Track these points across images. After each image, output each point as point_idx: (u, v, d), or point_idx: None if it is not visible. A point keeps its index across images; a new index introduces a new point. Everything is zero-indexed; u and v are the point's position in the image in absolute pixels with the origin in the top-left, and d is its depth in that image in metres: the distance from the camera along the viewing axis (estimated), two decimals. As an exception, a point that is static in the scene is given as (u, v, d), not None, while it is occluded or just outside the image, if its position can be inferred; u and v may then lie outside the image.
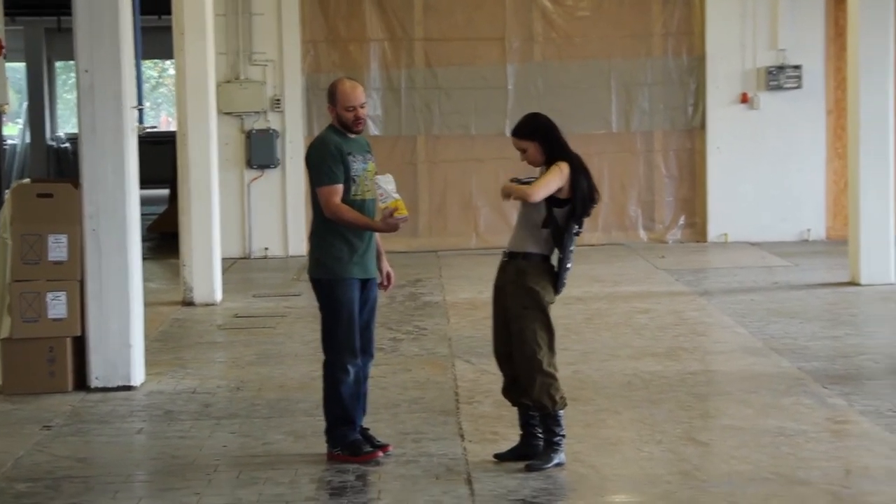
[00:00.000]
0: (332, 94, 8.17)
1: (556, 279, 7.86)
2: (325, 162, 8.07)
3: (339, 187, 8.04)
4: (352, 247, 8.09)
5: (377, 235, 8.27)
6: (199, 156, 14.53)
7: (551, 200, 7.79)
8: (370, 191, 8.13)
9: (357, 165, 8.11)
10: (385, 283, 8.34)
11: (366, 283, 8.20)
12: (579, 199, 7.83)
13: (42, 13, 29.72)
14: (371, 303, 8.27)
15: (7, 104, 10.95)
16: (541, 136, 7.90)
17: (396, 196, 7.95)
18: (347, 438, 8.13)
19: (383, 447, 8.23)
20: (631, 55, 19.33)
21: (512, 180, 8.16)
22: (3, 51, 10.31)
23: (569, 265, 7.88)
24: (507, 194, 7.91)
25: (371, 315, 8.29)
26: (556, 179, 7.77)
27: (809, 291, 14.61)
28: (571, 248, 7.86)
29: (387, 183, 7.99)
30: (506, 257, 8.00)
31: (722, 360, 11.24)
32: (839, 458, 8.03)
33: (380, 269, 8.31)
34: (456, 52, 19.32)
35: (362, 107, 8.14)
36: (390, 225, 7.99)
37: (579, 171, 7.87)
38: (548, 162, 7.88)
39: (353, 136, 8.20)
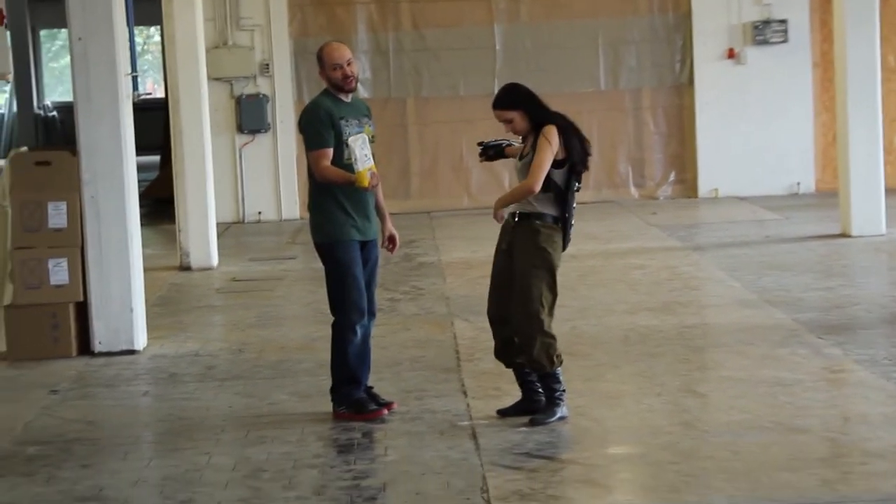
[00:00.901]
0: (320, 58, 8.26)
1: (564, 237, 7.96)
2: (314, 126, 8.16)
3: (329, 151, 8.12)
4: (347, 210, 8.18)
5: (380, 198, 8.36)
6: (192, 122, 14.60)
7: (553, 164, 7.86)
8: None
9: (351, 129, 8.18)
10: (390, 245, 8.44)
11: (365, 245, 8.30)
12: (576, 157, 7.91)
13: (26, -18, 29.66)
14: (372, 263, 8.37)
15: (10, 73, 10.98)
16: (524, 104, 7.98)
17: (359, 167, 7.98)
18: (352, 397, 8.25)
19: (388, 405, 8.35)
20: (617, 13, 19.39)
21: (480, 144, 8.26)
22: (5, 20, 10.33)
23: (573, 222, 7.99)
24: (497, 217, 8.00)
25: (372, 276, 8.39)
26: (547, 155, 7.82)
27: (801, 244, 14.74)
28: (574, 205, 7.97)
29: (357, 147, 8.02)
30: (516, 218, 8.03)
31: (717, 314, 11.37)
32: (836, 406, 8.16)
33: (383, 232, 8.41)
34: (442, 13, 19.37)
35: (349, 64, 8.21)
36: (361, 188, 8.08)
37: (567, 130, 7.93)
38: (534, 127, 7.95)
39: (347, 99, 8.28)
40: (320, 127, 8.13)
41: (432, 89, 19.43)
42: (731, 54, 19.28)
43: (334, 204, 8.17)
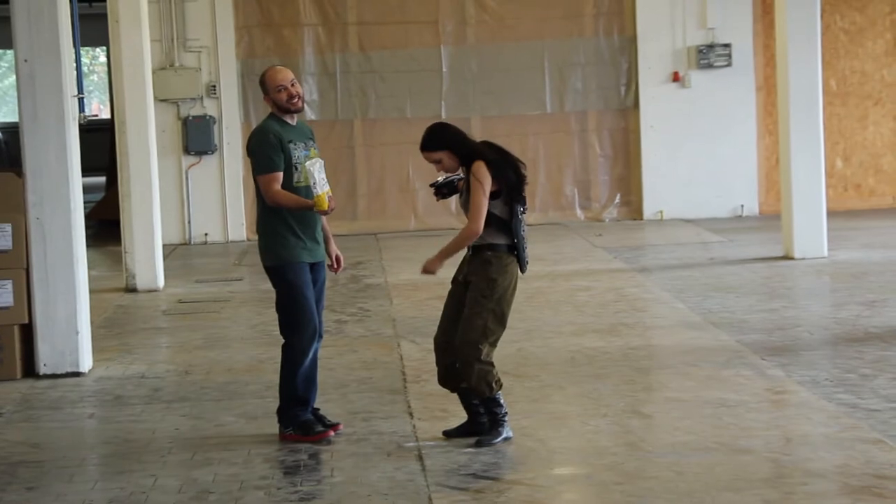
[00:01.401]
0: (263, 83, 8.31)
1: (520, 261, 8.01)
2: (264, 150, 8.19)
3: (279, 175, 8.16)
4: (297, 232, 8.21)
5: (324, 220, 8.40)
6: (138, 143, 14.58)
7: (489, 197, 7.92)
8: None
9: (298, 153, 8.23)
10: (335, 266, 8.48)
11: (314, 266, 8.33)
12: (507, 186, 7.95)
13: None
14: (320, 285, 8.40)
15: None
16: (450, 144, 8.03)
17: (318, 191, 8.02)
18: (299, 418, 8.26)
19: (334, 426, 8.37)
20: (563, 36, 19.51)
21: (432, 185, 8.26)
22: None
23: (525, 246, 8.03)
24: (431, 268, 8.05)
25: (320, 297, 8.42)
26: (480, 195, 7.84)
27: (745, 266, 14.86)
28: (522, 230, 8.01)
29: (315, 171, 8.06)
30: (469, 251, 8.07)
31: (662, 335, 11.45)
32: (779, 427, 8.24)
33: (328, 253, 8.45)
34: (389, 35, 19.44)
35: (293, 84, 8.26)
36: (321, 211, 8.12)
37: (497, 161, 7.96)
38: (464, 163, 8.01)
39: (293, 122, 8.32)
40: (270, 151, 8.15)
41: (379, 111, 19.49)
42: (675, 77, 19.45)
43: (284, 226, 8.20)
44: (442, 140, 8.05)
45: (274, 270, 8.27)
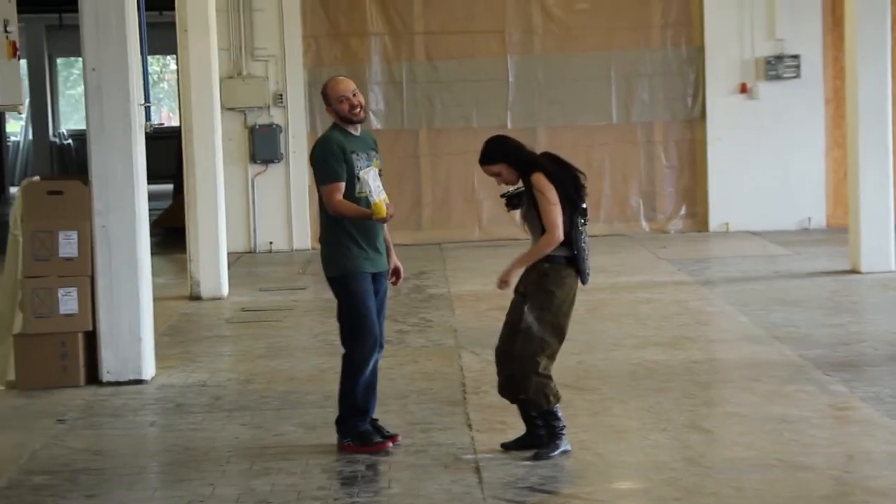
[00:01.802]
0: (325, 95, 8.36)
1: (580, 273, 7.98)
2: (327, 160, 8.22)
3: (341, 185, 8.19)
4: (359, 242, 8.24)
5: (386, 230, 8.41)
6: (204, 151, 14.67)
7: (538, 211, 7.90)
8: None
9: (360, 163, 8.25)
10: (394, 278, 8.49)
11: (375, 276, 8.35)
12: (566, 197, 7.93)
13: (43, 10, 29.84)
14: (381, 295, 8.41)
15: (22, 104, 11.08)
16: (509, 157, 8.03)
17: (375, 199, 8.06)
18: (358, 429, 8.27)
19: (393, 437, 8.37)
20: (630, 46, 19.45)
21: (502, 196, 8.25)
22: (18, 52, 10.42)
23: (587, 257, 8.01)
24: (507, 278, 7.99)
25: (381, 307, 8.42)
26: (547, 205, 7.84)
27: (811, 280, 14.75)
28: (583, 241, 7.98)
29: (369, 180, 8.09)
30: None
31: (725, 349, 11.38)
32: (841, 444, 8.17)
33: (388, 264, 8.45)
34: (456, 45, 19.45)
35: (354, 94, 8.29)
36: (380, 218, 8.14)
37: (554, 172, 7.96)
38: (522, 176, 8.00)
39: (356, 132, 8.35)
40: (333, 161, 8.19)
41: (445, 120, 19.50)
42: (743, 89, 19.33)
43: (346, 237, 8.22)
44: (499, 153, 8.05)
45: (336, 280, 8.30)
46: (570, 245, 7.95)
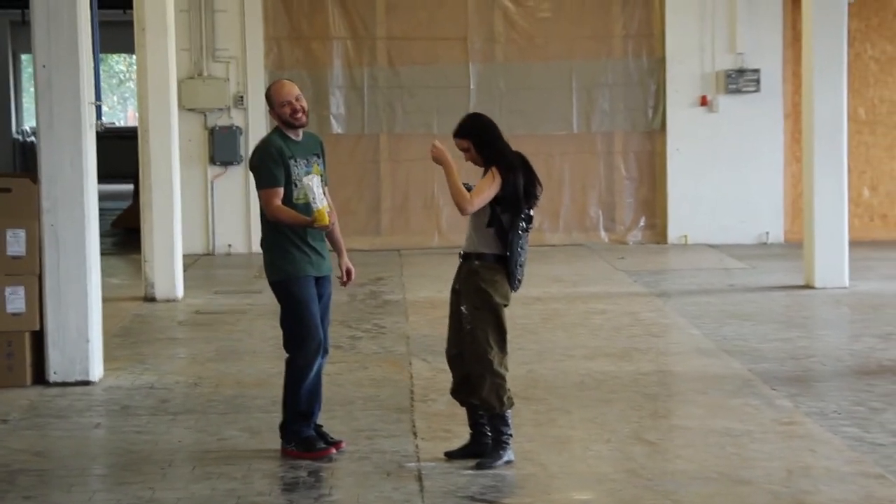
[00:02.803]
0: (268, 97, 8.33)
1: (510, 277, 7.98)
2: (266, 164, 8.19)
3: (280, 190, 8.16)
4: (300, 246, 8.21)
5: (337, 231, 8.40)
6: (161, 152, 14.61)
7: (494, 200, 7.91)
8: None
9: (299, 169, 8.22)
10: (345, 279, 8.45)
11: (319, 280, 8.32)
12: (508, 197, 7.93)
13: (6, 6, 29.69)
14: (325, 299, 8.38)
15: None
16: (475, 136, 8.03)
17: (318, 205, 8.04)
18: (301, 435, 8.25)
19: (336, 444, 8.35)
20: (592, 56, 19.48)
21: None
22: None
23: (521, 262, 8.00)
24: (437, 159, 7.98)
25: (325, 311, 8.40)
26: (490, 187, 7.89)
27: (765, 294, 14.79)
28: (522, 245, 7.97)
29: (312, 187, 8.07)
30: (461, 258, 8.12)
31: (674, 361, 11.40)
32: (782, 459, 8.18)
33: (340, 265, 8.44)
34: (418, 51, 19.45)
35: (297, 99, 8.25)
36: (315, 227, 8.12)
37: (511, 169, 7.96)
38: (485, 162, 8.01)
39: (297, 137, 8.31)
40: (272, 165, 8.16)
41: (406, 126, 19.49)
42: (703, 101, 19.39)
43: (288, 241, 8.21)
44: (471, 129, 8.05)
45: (279, 285, 8.27)
46: (504, 245, 7.94)
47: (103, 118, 11.60)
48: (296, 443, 8.27)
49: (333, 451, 8.28)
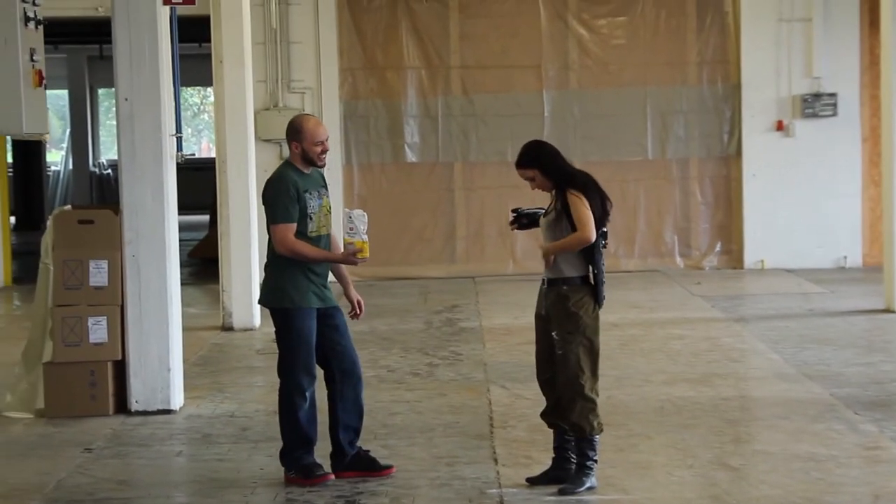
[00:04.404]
0: (298, 131, 8.34)
1: (596, 295, 7.97)
2: (281, 200, 8.21)
3: (293, 226, 8.19)
4: (309, 277, 8.23)
5: (342, 266, 8.42)
6: (238, 182, 14.73)
7: (571, 222, 7.90)
8: (325, 226, 8.31)
9: (313, 203, 8.27)
10: (357, 312, 8.47)
11: (328, 311, 8.31)
12: (596, 213, 7.93)
13: (84, 41, 30.10)
14: (342, 328, 8.38)
15: (48, 133, 11.13)
16: (542, 163, 8.03)
17: (364, 238, 8.07)
18: (301, 462, 8.31)
19: (387, 469, 8.35)
20: (666, 83, 19.44)
21: (514, 210, 8.29)
22: (44, 81, 10.50)
23: (603, 279, 7.99)
24: (547, 256, 7.99)
25: (346, 338, 8.39)
26: (587, 209, 7.87)
27: (844, 318, 14.66)
28: (602, 262, 7.97)
29: (359, 220, 8.11)
30: (545, 284, 8.09)
31: (755, 386, 11.32)
32: (869, 484, 8.10)
33: (349, 298, 8.47)
34: (493, 79, 19.49)
35: (326, 140, 8.36)
36: (350, 260, 8.14)
37: (588, 187, 7.96)
38: (555, 186, 8.00)
39: (307, 171, 8.34)
40: (287, 201, 8.18)
41: (480, 154, 19.52)
42: (779, 126, 19.28)
43: (296, 267, 8.21)
44: (538, 157, 8.04)
45: (280, 314, 8.28)
46: (589, 263, 7.93)
47: (183, 149, 11.69)
48: (296, 470, 8.32)
49: (332, 477, 8.31)
